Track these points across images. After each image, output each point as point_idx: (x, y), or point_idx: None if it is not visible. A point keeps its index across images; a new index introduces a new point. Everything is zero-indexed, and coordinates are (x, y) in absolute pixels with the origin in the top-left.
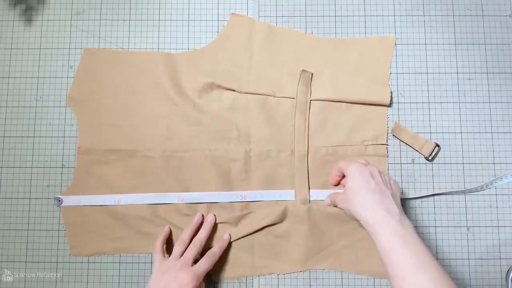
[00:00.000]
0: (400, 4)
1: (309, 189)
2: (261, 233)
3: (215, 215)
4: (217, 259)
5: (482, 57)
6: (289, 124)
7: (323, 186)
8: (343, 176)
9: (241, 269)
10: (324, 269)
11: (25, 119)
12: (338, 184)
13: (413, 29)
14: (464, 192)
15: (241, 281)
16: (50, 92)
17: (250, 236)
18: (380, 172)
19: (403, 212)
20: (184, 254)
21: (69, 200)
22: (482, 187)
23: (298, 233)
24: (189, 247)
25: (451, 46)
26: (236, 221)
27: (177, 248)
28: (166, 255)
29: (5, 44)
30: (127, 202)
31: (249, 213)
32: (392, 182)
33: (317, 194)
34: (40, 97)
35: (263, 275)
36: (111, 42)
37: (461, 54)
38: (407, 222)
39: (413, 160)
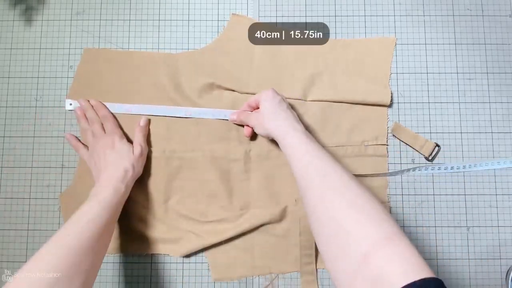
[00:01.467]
0: (400, 4)
1: None
2: (261, 233)
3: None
4: (108, 112)
5: (482, 57)
6: None
7: None
8: (254, 109)
9: (241, 269)
10: (324, 269)
11: (25, 119)
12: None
13: (413, 29)
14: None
15: (241, 281)
16: (50, 92)
17: (250, 236)
18: (283, 99)
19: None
20: (106, 128)
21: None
22: (476, 165)
23: (298, 233)
24: (104, 123)
25: (451, 46)
26: (235, 219)
27: (88, 131)
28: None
29: (5, 44)
30: (138, 112)
31: (248, 211)
32: (286, 106)
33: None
34: (40, 97)
35: (263, 275)
36: (111, 42)
37: (461, 54)
38: (309, 134)
39: (413, 160)
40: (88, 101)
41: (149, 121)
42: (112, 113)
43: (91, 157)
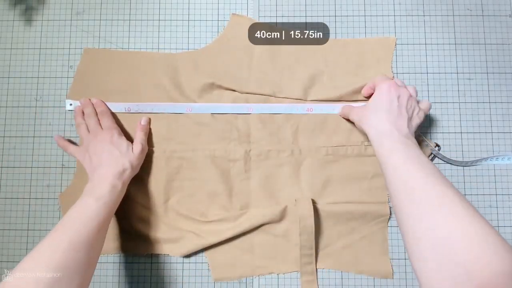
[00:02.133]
0: (400, 4)
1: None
2: (261, 233)
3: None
4: (107, 110)
5: (482, 57)
6: (289, 124)
7: (324, 186)
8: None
9: (241, 269)
10: (324, 269)
11: (25, 119)
12: (369, 96)
13: (413, 29)
14: (461, 164)
15: (241, 281)
16: (50, 92)
17: (250, 236)
18: (409, 97)
19: (413, 136)
20: (103, 124)
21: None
22: (476, 161)
23: (298, 233)
24: (101, 118)
25: (451, 46)
26: (235, 219)
27: (83, 125)
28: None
29: (5, 44)
30: (138, 110)
31: (248, 211)
32: (417, 110)
33: (333, 108)
34: (40, 97)
35: (263, 275)
36: (111, 42)
37: (461, 54)
38: (413, 140)
39: None
40: (89, 99)
41: (149, 120)
42: (110, 110)
43: (85, 152)
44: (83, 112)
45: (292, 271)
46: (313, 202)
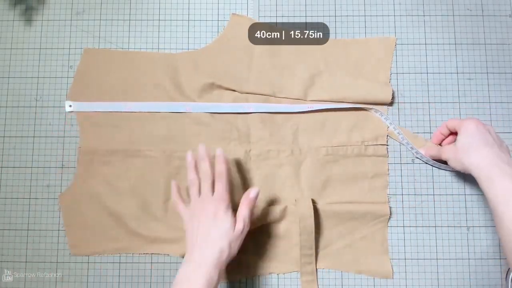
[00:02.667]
0: (400, 4)
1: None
2: (261, 233)
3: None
4: (228, 176)
5: (482, 57)
6: (289, 124)
7: (324, 186)
8: (449, 135)
9: (241, 269)
10: (324, 269)
11: (25, 119)
12: (440, 143)
13: (413, 29)
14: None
15: (241, 281)
16: (50, 92)
17: (250, 236)
18: (495, 132)
19: None
20: (216, 190)
21: (80, 106)
22: None
23: (298, 233)
24: (216, 181)
25: (451, 46)
26: None
27: (195, 187)
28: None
29: (5, 44)
30: (138, 109)
31: None
32: (502, 141)
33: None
34: (40, 97)
35: (263, 275)
36: (111, 42)
37: (461, 54)
38: None
39: (413, 160)
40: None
41: (258, 193)
42: (227, 172)
43: (190, 220)
44: (196, 166)
45: (292, 271)
46: (313, 202)
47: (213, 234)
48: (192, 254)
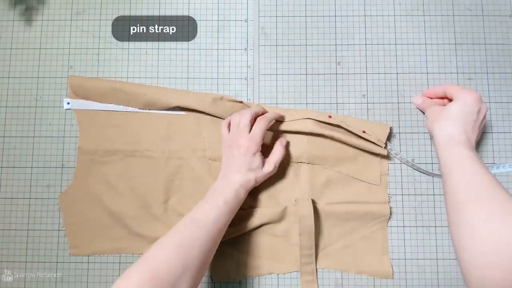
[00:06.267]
0: (400, 4)
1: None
2: (261, 233)
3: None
4: (269, 122)
5: (482, 57)
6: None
7: (324, 186)
8: (441, 98)
9: (241, 269)
10: (324, 269)
11: (25, 119)
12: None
13: (413, 29)
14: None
15: (241, 281)
16: (50, 92)
17: (250, 236)
18: (484, 115)
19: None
20: (252, 129)
21: (78, 103)
22: None
23: (298, 233)
24: (256, 123)
25: (451, 46)
26: (235, 219)
27: (234, 120)
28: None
29: (5, 44)
30: (137, 109)
31: (248, 211)
32: (483, 125)
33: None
34: (40, 97)
35: (263, 275)
36: (111, 42)
37: (461, 54)
38: (476, 152)
39: (413, 160)
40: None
41: (287, 142)
42: (269, 122)
43: (228, 147)
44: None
45: (292, 271)
46: (313, 202)
47: (243, 167)
48: (225, 174)
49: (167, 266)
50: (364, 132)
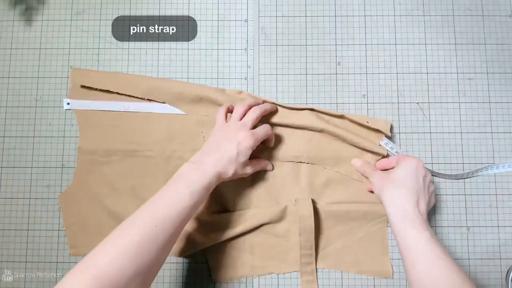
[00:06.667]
0: (400, 4)
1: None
2: (261, 233)
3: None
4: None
5: (482, 57)
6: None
7: (324, 186)
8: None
9: (241, 269)
10: (324, 269)
11: (25, 119)
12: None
13: (413, 29)
14: (456, 177)
15: (241, 281)
16: (50, 92)
17: (250, 236)
18: (430, 181)
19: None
20: (243, 118)
21: (78, 104)
22: (473, 173)
23: (298, 233)
24: (248, 112)
25: (451, 46)
26: (235, 219)
27: (237, 111)
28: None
29: (5, 44)
30: (136, 109)
31: (248, 211)
32: (431, 192)
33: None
34: (40, 97)
35: (263, 275)
36: (111, 42)
37: (461, 54)
38: (430, 229)
39: None
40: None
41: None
42: (263, 112)
43: (217, 130)
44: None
45: (292, 271)
46: (313, 202)
47: (226, 156)
48: (201, 159)
49: (117, 270)
50: (368, 122)
